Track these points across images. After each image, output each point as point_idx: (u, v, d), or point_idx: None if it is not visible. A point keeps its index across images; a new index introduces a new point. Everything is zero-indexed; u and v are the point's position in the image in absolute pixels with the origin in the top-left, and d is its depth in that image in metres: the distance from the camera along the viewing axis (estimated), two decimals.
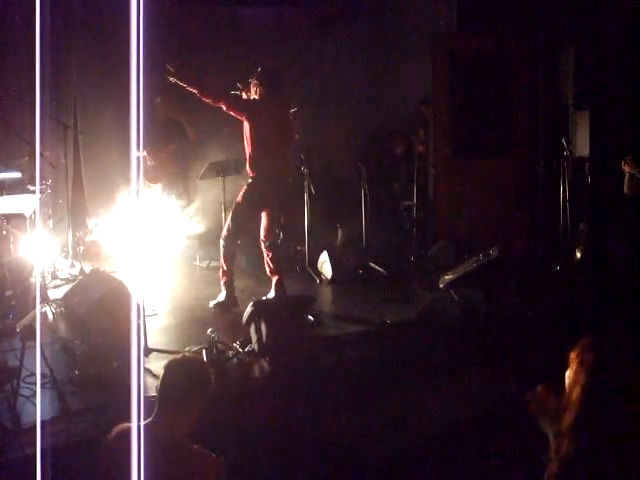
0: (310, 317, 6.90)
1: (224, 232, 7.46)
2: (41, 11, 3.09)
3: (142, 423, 3.08)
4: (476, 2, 10.03)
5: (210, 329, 6.16)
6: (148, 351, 6.03)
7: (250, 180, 7.40)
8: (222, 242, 7.44)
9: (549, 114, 9.84)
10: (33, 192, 7.67)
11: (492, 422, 5.40)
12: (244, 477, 4.30)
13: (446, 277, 7.89)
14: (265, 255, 7.56)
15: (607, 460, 2.82)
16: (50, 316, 6.86)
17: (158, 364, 5.37)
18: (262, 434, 5.00)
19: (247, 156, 7.39)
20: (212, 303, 7.51)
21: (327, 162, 10.36)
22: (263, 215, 7.48)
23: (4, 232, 7.31)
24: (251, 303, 6.38)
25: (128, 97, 3.11)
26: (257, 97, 7.33)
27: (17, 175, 8.04)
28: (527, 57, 9.84)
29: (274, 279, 7.55)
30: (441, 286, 7.86)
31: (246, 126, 7.30)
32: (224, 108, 7.22)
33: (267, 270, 7.60)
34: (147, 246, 7.73)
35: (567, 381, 3.01)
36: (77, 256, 8.61)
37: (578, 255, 8.76)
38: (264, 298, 7.26)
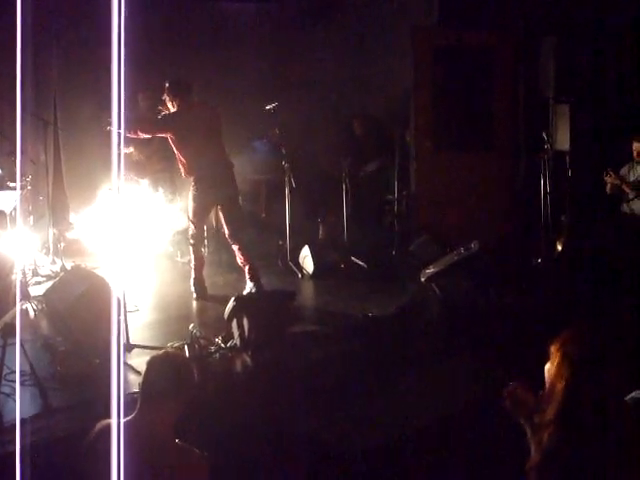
0: (292, 312, 6.90)
1: (190, 233, 7.79)
2: (22, 7, 3.08)
3: (123, 420, 3.07)
4: None
5: (192, 325, 6.17)
6: (130, 347, 6.02)
7: (192, 184, 7.59)
8: (191, 241, 7.79)
9: (530, 107, 9.88)
10: (13, 189, 7.64)
11: (475, 414, 5.43)
12: (227, 473, 4.30)
13: (427, 271, 7.93)
14: (234, 248, 7.69)
15: (589, 451, 2.84)
16: (31, 313, 6.83)
17: (140, 360, 5.35)
18: (244, 429, 5.01)
19: (181, 165, 7.62)
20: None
21: (309, 157, 10.35)
22: (219, 212, 7.74)
23: None
24: (233, 298, 6.39)
25: (109, 93, 3.10)
26: (176, 109, 7.50)
27: None
28: (508, 50, 9.87)
29: (246, 269, 7.65)
30: (422, 279, 7.90)
31: (172, 139, 7.50)
32: (148, 135, 7.62)
33: (238, 261, 7.70)
34: (129, 242, 7.71)
35: (547, 374, 3.03)
36: (58, 253, 8.57)
37: (559, 248, 8.81)
38: (245, 293, 7.31)
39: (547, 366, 3.03)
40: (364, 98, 10.61)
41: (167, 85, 7.52)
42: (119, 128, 3.11)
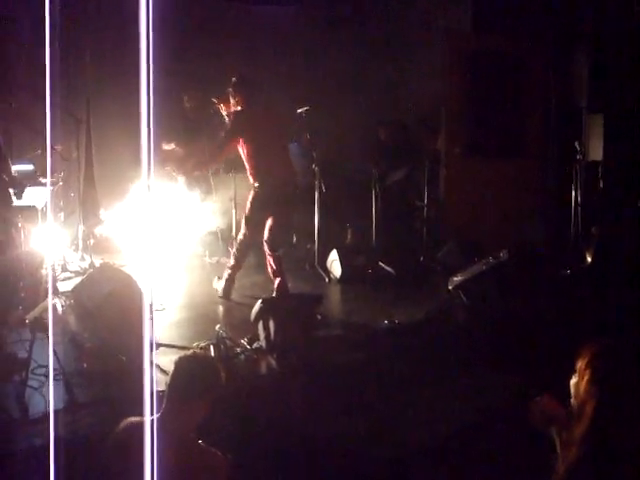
0: (318, 316, 6.89)
1: (240, 238, 7.63)
2: (53, 5, 3.10)
3: (154, 417, 3.09)
4: (491, 2, 9.99)
5: (218, 325, 6.17)
6: (156, 346, 6.04)
7: (255, 189, 7.46)
8: (237, 246, 7.65)
9: (562, 117, 9.82)
10: (45, 185, 7.69)
11: (499, 423, 5.40)
12: (248, 475, 4.30)
13: (455, 279, 7.88)
14: (268, 256, 7.56)
15: (616, 471, 2.81)
16: (59, 309, 6.87)
17: (166, 359, 5.38)
18: (268, 432, 5.00)
19: (247, 168, 7.50)
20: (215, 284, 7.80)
21: (339, 161, 10.35)
22: (269, 218, 7.52)
23: (19, 224, 7.31)
24: (260, 300, 6.39)
25: (139, 91, 3.11)
26: (239, 107, 7.41)
27: (30, 168, 8.07)
28: (541, 58, 9.82)
29: (276, 281, 7.54)
30: (450, 287, 7.85)
31: (242, 140, 7.37)
32: (230, 149, 7.48)
33: (269, 271, 7.60)
34: (158, 240, 7.75)
35: (574, 389, 2.99)
36: (87, 249, 8.62)
37: (589, 259, 8.74)
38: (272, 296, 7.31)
39: (573, 380, 3.00)
40: (395, 103, 10.58)
41: (234, 80, 7.40)
42: (148, 125, 3.11)
